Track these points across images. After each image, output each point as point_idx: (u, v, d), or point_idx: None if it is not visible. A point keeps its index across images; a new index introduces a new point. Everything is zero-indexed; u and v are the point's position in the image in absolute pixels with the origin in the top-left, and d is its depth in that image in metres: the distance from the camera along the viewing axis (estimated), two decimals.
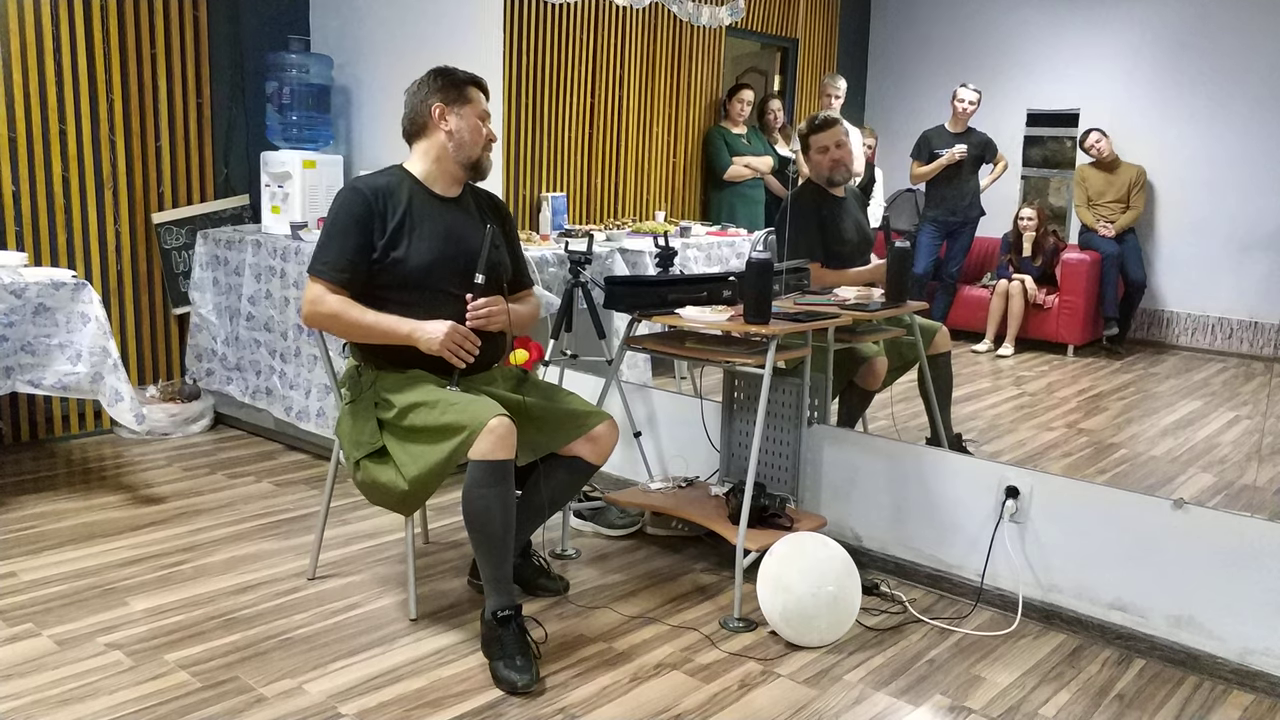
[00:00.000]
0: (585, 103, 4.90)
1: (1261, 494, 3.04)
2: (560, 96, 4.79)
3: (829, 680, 2.48)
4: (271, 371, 4.06)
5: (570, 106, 4.84)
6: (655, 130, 5.13)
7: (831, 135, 3.56)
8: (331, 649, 2.54)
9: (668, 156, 5.18)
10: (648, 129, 5.11)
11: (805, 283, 3.40)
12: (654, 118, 5.12)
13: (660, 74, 5.11)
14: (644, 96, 5.08)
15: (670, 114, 5.16)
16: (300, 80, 4.28)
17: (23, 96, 3.93)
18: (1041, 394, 4.06)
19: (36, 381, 3.43)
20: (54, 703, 2.25)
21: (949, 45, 4.32)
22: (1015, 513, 2.87)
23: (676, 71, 5.14)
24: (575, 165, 4.91)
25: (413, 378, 2.57)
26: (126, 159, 4.24)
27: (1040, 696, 2.45)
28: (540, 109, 4.72)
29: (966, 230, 4.24)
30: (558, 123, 4.80)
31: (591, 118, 4.94)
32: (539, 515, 2.75)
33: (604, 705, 2.33)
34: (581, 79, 4.87)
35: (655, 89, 5.11)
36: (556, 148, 4.82)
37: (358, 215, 2.56)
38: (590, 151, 4.96)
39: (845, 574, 2.67)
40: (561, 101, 4.80)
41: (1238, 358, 3.70)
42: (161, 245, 4.37)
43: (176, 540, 3.19)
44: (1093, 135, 3.91)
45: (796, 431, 3.22)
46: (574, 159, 4.90)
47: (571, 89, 4.83)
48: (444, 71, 2.67)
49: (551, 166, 4.81)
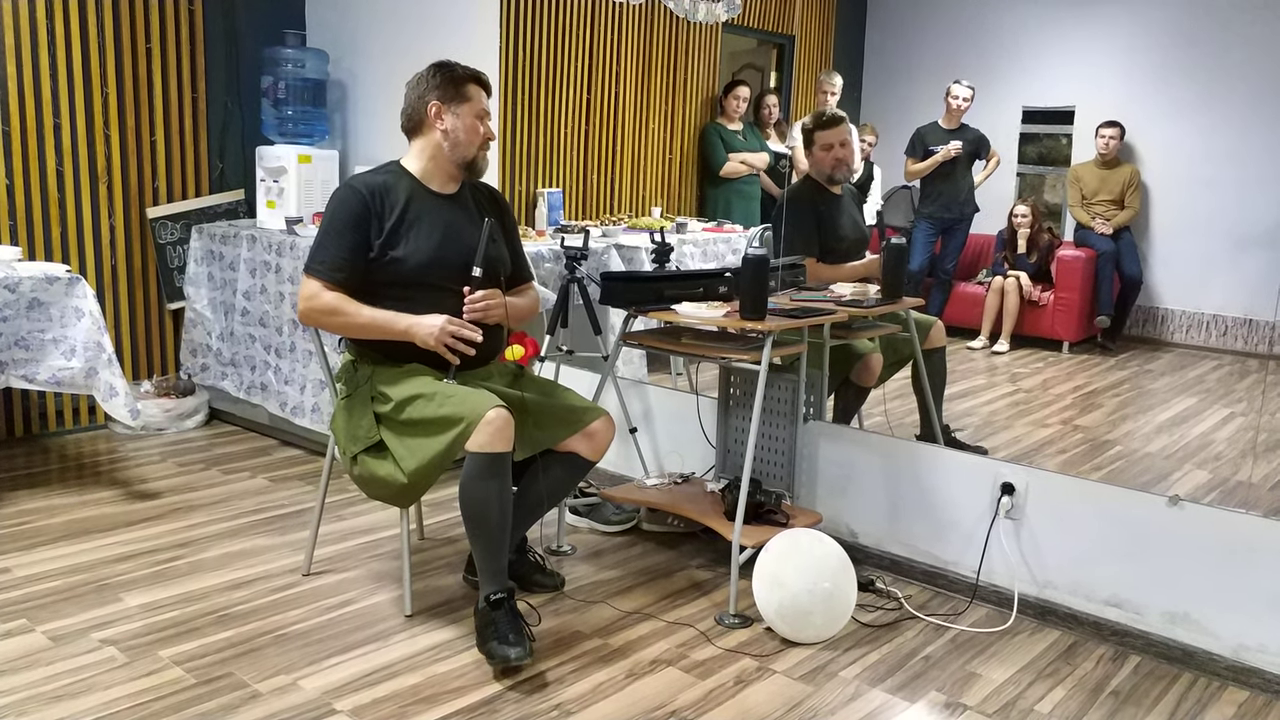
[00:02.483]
0: (582, 98, 4.89)
1: (1256, 491, 3.04)
2: (557, 92, 4.78)
3: (824, 677, 2.48)
4: (266, 367, 4.05)
5: (567, 102, 4.83)
6: (651, 126, 5.13)
7: (837, 133, 3.54)
8: (326, 645, 2.53)
9: (664, 152, 5.18)
10: (644, 125, 5.11)
11: (801, 279, 3.39)
12: (650, 114, 5.12)
13: (656, 70, 5.10)
14: (640, 92, 5.08)
15: (666, 110, 5.16)
16: (296, 75, 4.27)
17: (17, 90, 3.91)
18: (1037, 390, 4.07)
19: (30, 376, 3.42)
20: (48, 699, 2.24)
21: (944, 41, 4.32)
22: (1011, 509, 2.87)
23: (673, 68, 5.14)
24: (571, 161, 4.90)
25: (409, 371, 2.57)
26: (121, 153, 4.23)
27: (1035, 693, 2.45)
28: (537, 104, 4.71)
29: (962, 227, 4.25)
30: (554, 118, 4.80)
31: (588, 113, 4.93)
32: (535, 511, 2.75)
33: (599, 701, 2.33)
34: (578, 75, 4.86)
35: (651, 85, 5.10)
36: (553, 143, 4.81)
37: (355, 214, 2.55)
38: (586, 147, 4.96)
39: (841, 570, 2.67)
40: (558, 97, 4.79)
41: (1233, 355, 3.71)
42: (156, 240, 4.36)
43: (171, 536, 3.19)
44: (1108, 129, 3.86)
45: (792, 428, 3.22)
46: (570, 154, 4.89)
47: (568, 85, 4.83)
48: (444, 67, 2.65)
49: (548, 162, 4.81)
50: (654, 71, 5.09)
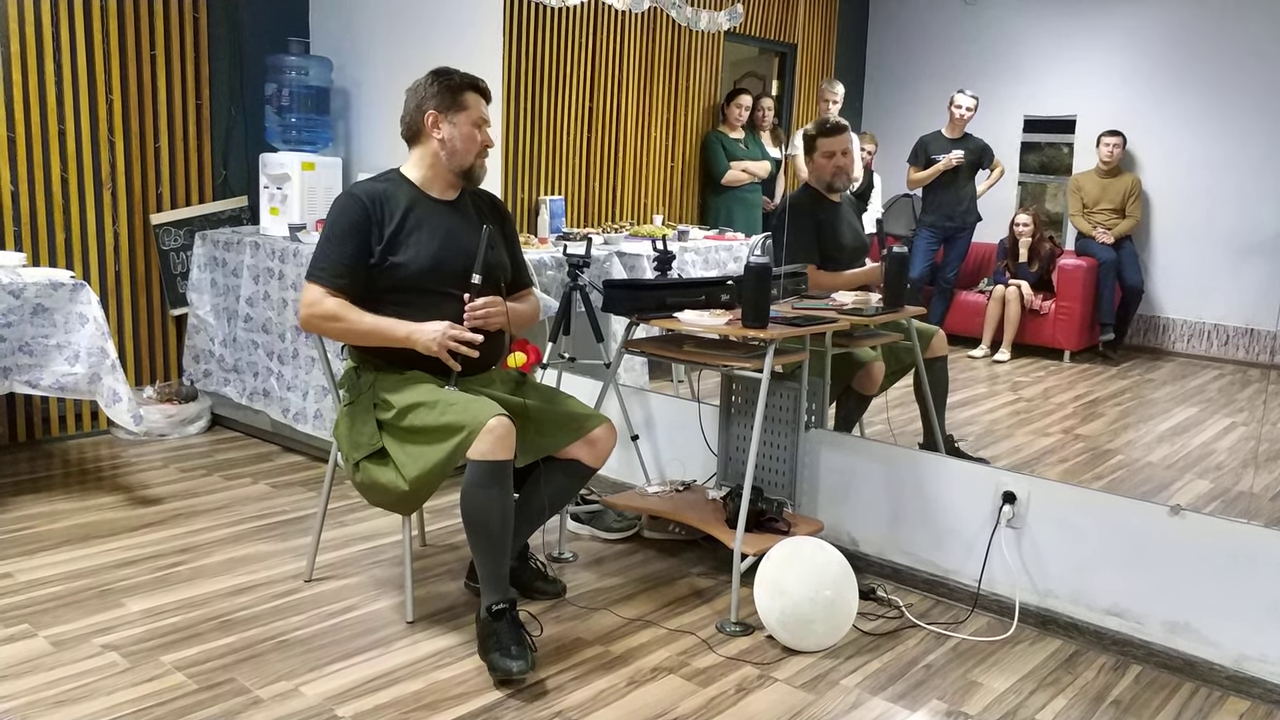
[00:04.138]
0: (584, 106, 4.90)
1: (1258, 500, 3.04)
2: (559, 100, 4.79)
3: (826, 685, 2.48)
4: (269, 373, 4.06)
5: (569, 110, 4.84)
6: (653, 134, 5.14)
7: (839, 142, 3.55)
8: (328, 651, 2.53)
9: (666, 160, 5.19)
10: (646, 133, 5.12)
11: (803, 287, 3.40)
12: (652, 122, 5.13)
13: (658, 78, 5.11)
14: (642, 100, 5.09)
15: (668, 118, 5.17)
16: (299, 82, 4.28)
17: (22, 97, 3.92)
18: (1038, 399, 4.07)
19: (34, 382, 3.43)
20: (50, 704, 2.24)
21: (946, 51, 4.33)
22: (1012, 518, 2.87)
23: (675, 76, 5.15)
24: (573, 168, 4.91)
25: (411, 378, 2.58)
26: (125, 160, 4.24)
27: (1037, 702, 2.45)
28: (539, 112, 4.72)
29: (963, 235, 4.25)
30: (556, 126, 4.81)
31: (590, 121, 4.95)
32: (537, 518, 2.75)
33: (601, 709, 2.33)
34: (580, 83, 4.87)
35: (653, 93, 5.11)
36: (555, 151, 4.82)
37: (356, 221, 2.56)
38: (588, 155, 4.97)
39: (842, 578, 2.67)
40: (560, 105, 4.80)
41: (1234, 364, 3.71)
42: (160, 246, 4.37)
43: (173, 541, 3.19)
44: (1111, 138, 3.87)
45: (794, 436, 3.22)
46: (572, 162, 4.90)
47: (570, 92, 4.84)
48: (442, 74, 2.65)
49: (550, 170, 4.82)
50: (656, 79, 5.11)
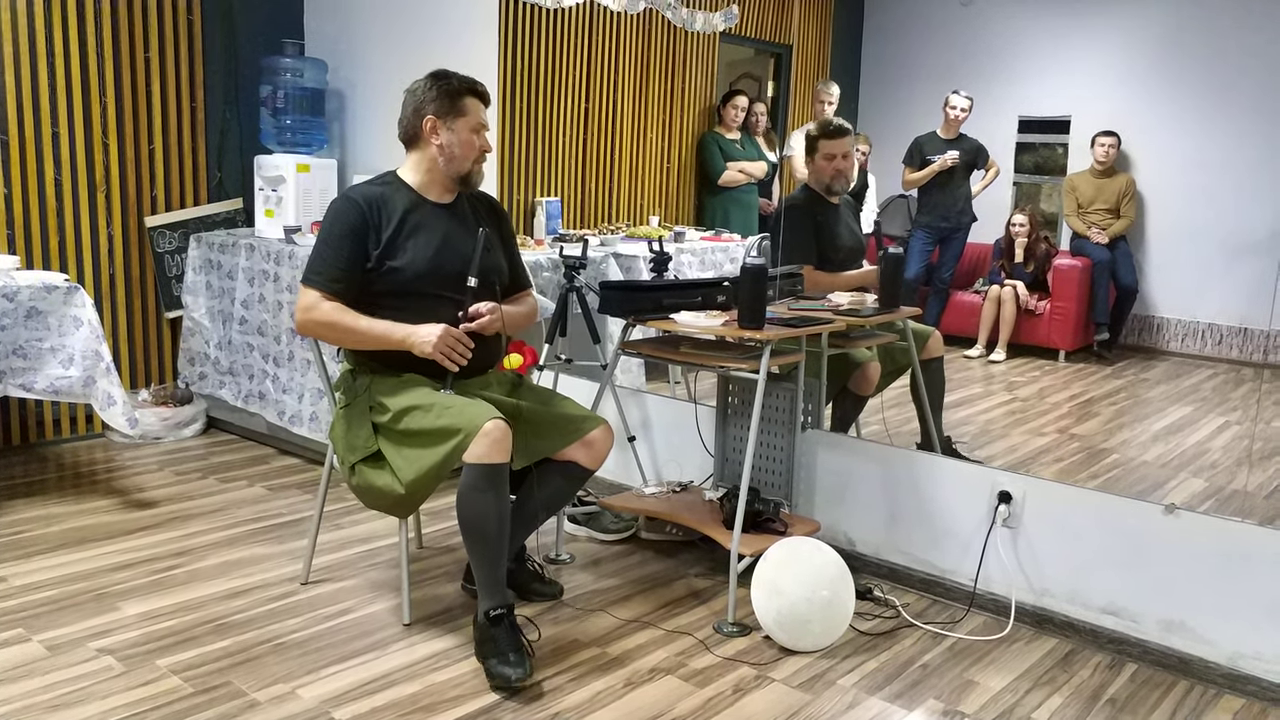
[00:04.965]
0: (580, 108, 4.91)
1: (1252, 499, 3.05)
2: (555, 101, 4.80)
3: (823, 685, 2.49)
4: (264, 376, 4.06)
5: (565, 111, 4.85)
6: (650, 135, 5.14)
7: (841, 145, 3.54)
8: (325, 654, 2.53)
9: (662, 162, 5.19)
10: (642, 134, 5.12)
11: (799, 288, 3.40)
12: (648, 123, 5.13)
13: (655, 79, 5.12)
14: (638, 102, 5.10)
15: (665, 119, 5.17)
16: (294, 84, 4.28)
17: (15, 99, 3.91)
18: (1033, 399, 4.08)
19: (28, 385, 3.42)
20: (44, 708, 2.24)
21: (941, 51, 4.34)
22: (1008, 518, 2.88)
23: (671, 77, 5.16)
24: (570, 170, 4.92)
25: (407, 381, 2.57)
26: (120, 162, 4.23)
27: (1033, 701, 2.46)
28: (535, 114, 4.72)
29: (958, 236, 4.26)
30: (552, 128, 4.81)
31: (586, 123, 4.95)
32: (533, 520, 2.75)
33: (598, 710, 2.33)
34: (576, 84, 4.88)
35: (650, 94, 5.12)
36: (551, 153, 4.83)
37: (352, 225, 2.56)
38: (585, 156, 4.97)
39: (839, 579, 2.68)
40: (556, 106, 4.81)
41: (1228, 363, 3.73)
42: (154, 249, 4.36)
43: (168, 545, 3.18)
44: (1106, 139, 3.87)
45: (790, 436, 3.22)
46: (568, 164, 4.91)
47: (566, 94, 4.84)
48: (440, 78, 2.64)
49: (546, 171, 4.82)
50: (652, 81, 5.11)
